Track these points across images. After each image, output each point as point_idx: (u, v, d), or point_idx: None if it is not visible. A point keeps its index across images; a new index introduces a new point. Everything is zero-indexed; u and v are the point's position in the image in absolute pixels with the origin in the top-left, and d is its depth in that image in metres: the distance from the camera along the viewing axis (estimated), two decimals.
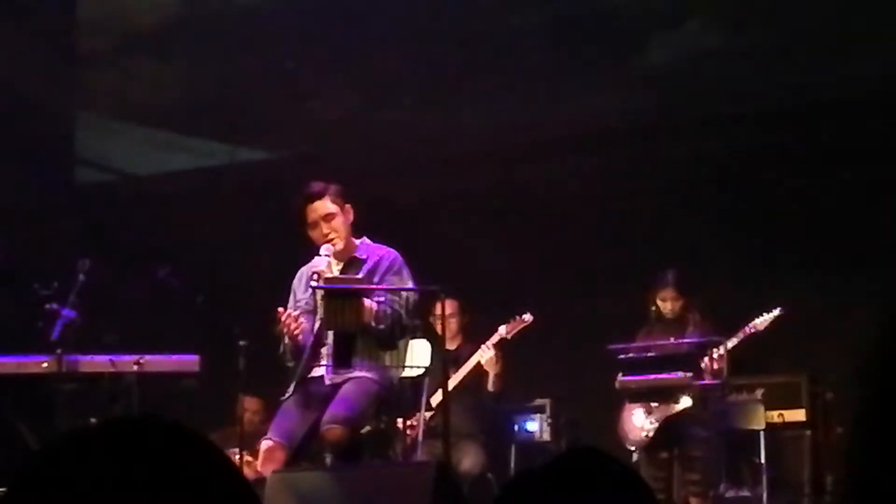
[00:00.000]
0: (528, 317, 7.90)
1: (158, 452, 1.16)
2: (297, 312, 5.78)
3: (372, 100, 9.63)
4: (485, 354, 7.91)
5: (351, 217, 5.92)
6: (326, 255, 5.76)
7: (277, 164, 9.83)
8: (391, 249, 5.97)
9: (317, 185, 5.88)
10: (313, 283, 5.68)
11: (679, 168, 8.66)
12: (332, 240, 5.82)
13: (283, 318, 5.67)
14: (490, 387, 7.97)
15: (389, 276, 5.85)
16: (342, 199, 5.89)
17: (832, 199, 8.34)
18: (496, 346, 7.92)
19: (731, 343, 7.38)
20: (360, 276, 5.80)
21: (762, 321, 7.49)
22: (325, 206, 5.84)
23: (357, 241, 5.99)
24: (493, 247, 9.05)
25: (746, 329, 7.48)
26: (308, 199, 5.85)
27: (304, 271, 5.92)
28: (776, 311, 7.48)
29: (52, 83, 9.98)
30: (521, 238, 9.00)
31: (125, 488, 1.13)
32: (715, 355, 7.32)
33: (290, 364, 5.90)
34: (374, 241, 6.06)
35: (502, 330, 7.91)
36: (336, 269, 5.88)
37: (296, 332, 5.67)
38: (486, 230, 9.11)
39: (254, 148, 10.08)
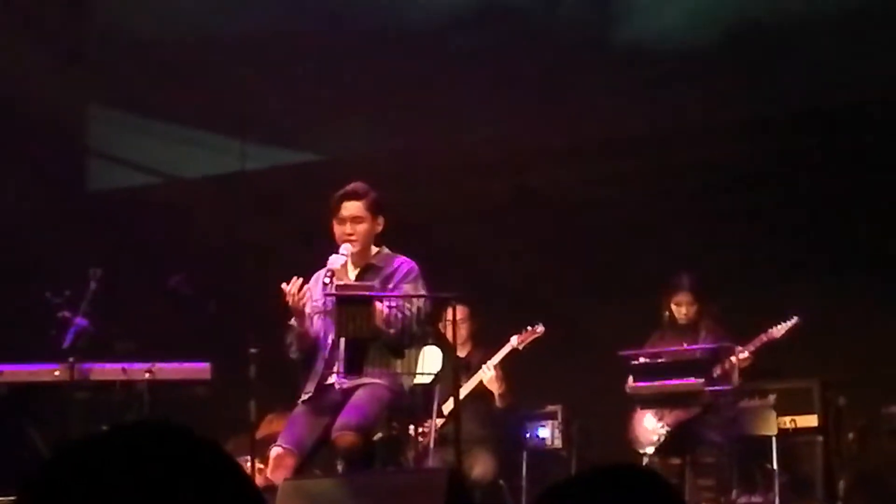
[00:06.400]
0: (539, 328, 7.85)
1: (168, 458, 1.16)
2: (309, 312, 5.85)
3: (384, 108, 9.62)
4: (486, 374, 7.86)
5: (379, 229, 5.98)
6: (344, 255, 5.80)
7: (288, 173, 9.83)
8: (409, 260, 5.98)
9: (360, 187, 5.97)
10: (326, 280, 5.72)
11: (692, 173, 8.63)
12: (352, 240, 5.86)
13: (286, 290, 5.70)
14: (498, 403, 7.94)
15: (403, 284, 5.87)
16: (377, 209, 5.95)
17: (847, 204, 8.32)
18: (497, 366, 7.85)
19: (746, 352, 7.36)
20: (375, 282, 5.82)
21: (778, 330, 7.45)
22: (359, 208, 5.91)
23: (376, 250, 6.01)
24: (504, 252, 9.03)
25: (763, 337, 7.45)
26: (346, 195, 5.93)
27: (320, 274, 5.94)
28: (793, 321, 7.44)
29: (63, 88, 9.99)
30: (532, 243, 8.99)
31: (135, 494, 1.13)
32: (727, 365, 7.30)
33: (295, 356, 5.92)
34: (394, 252, 6.08)
35: (514, 341, 7.87)
36: (353, 274, 5.91)
37: (299, 301, 5.70)
38: (496, 236, 9.09)
39: (265, 156, 10.08)
